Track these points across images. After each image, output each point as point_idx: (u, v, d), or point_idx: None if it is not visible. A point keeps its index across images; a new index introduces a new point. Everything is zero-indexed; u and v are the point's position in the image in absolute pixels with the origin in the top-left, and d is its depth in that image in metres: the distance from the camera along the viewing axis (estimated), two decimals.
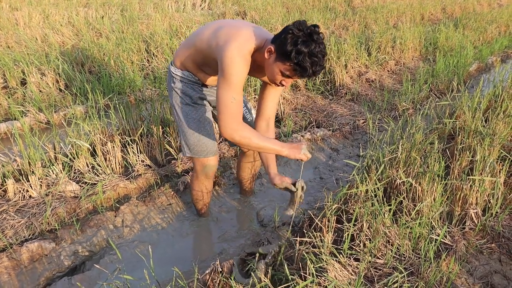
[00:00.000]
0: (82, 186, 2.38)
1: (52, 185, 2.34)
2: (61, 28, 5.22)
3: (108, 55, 4.14)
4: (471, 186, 1.96)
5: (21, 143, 2.40)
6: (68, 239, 2.01)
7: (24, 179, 2.30)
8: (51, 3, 7.10)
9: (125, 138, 2.74)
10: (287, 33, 1.42)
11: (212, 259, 1.90)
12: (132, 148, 2.60)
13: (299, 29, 1.41)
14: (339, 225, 1.84)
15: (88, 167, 2.53)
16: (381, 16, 6.96)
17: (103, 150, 2.58)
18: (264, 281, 1.47)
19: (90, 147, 2.56)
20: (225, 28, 1.57)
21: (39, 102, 3.28)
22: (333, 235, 1.77)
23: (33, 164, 2.39)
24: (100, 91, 3.46)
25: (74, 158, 2.52)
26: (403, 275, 1.51)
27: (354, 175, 1.99)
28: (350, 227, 1.67)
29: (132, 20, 5.71)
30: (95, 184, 2.40)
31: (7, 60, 3.76)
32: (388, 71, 4.83)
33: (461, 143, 2.40)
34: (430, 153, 2.13)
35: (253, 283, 1.50)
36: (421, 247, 1.69)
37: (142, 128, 2.77)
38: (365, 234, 1.72)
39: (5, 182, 2.24)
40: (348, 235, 1.65)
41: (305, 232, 1.87)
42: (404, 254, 1.69)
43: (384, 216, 1.74)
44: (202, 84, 1.83)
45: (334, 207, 1.84)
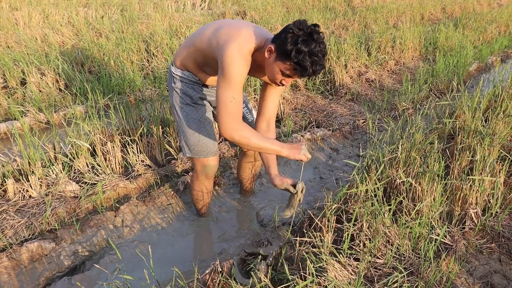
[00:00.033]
0: (82, 186, 2.38)
1: (52, 185, 2.34)
2: (61, 28, 5.22)
3: (108, 55, 4.14)
4: (471, 186, 1.96)
5: (21, 143, 2.40)
6: (68, 239, 2.02)
7: (24, 179, 2.30)
8: (51, 3, 7.09)
9: (125, 138, 2.74)
10: (288, 32, 1.42)
11: (212, 259, 1.90)
12: (132, 148, 2.60)
13: (299, 28, 1.41)
14: (339, 225, 1.85)
15: (88, 167, 2.53)
16: (381, 16, 6.96)
17: (103, 150, 2.58)
18: (264, 281, 1.47)
19: (90, 147, 2.56)
20: (225, 27, 1.57)
21: (39, 102, 3.28)
22: (333, 235, 1.77)
23: (33, 164, 2.39)
24: (100, 91, 3.47)
25: (74, 158, 2.52)
26: (403, 275, 1.51)
27: (354, 175, 1.99)
28: (350, 227, 1.67)
29: (132, 20, 5.71)
30: (95, 184, 2.40)
31: (7, 60, 3.76)
32: (388, 71, 4.83)
33: (461, 143, 2.40)
34: (430, 153, 2.13)
35: (253, 283, 1.50)
36: (421, 247, 1.69)
37: (142, 128, 2.77)
38: (365, 234, 1.72)
39: (5, 182, 2.24)
40: (348, 235, 1.65)
41: (305, 232, 1.87)
42: (404, 254, 1.69)
43: (384, 216, 1.75)
44: (203, 84, 1.83)
45: (334, 207, 1.84)
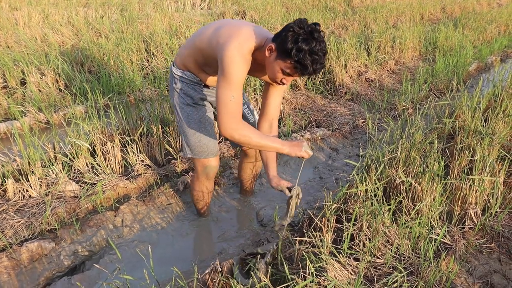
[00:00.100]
0: (82, 186, 2.38)
1: (51, 185, 2.34)
2: (60, 28, 5.22)
3: (108, 55, 4.14)
4: (470, 185, 1.97)
5: (20, 143, 2.40)
6: (68, 239, 2.02)
7: (24, 179, 2.30)
8: (50, 3, 7.09)
9: (124, 138, 2.74)
10: (288, 31, 1.41)
11: (212, 258, 1.91)
12: (132, 148, 2.60)
13: (300, 27, 1.41)
14: (338, 225, 1.85)
15: (87, 167, 2.54)
16: (380, 15, 6.96)
17: (103, 150, 2.58)
18: (264, 281, 1.47)
19: (90, 147, 2.56)
20: (225, 27, 1.57)
21: (38, 102, 3.28)
22: (332, 234, 1.77)
23: (32, 164, 2.39)
24: (99, 91, 3.47)
25: (74, 158, 2.52)
26: (402, 274, 1.51)
27: (354, 174, 1.99)
28: (350, 226, 1.67)
29: (132, 20, 5.71)
30: (94, 184, 2.40)
31: (7, 60, 3.76)
32: (388, 70, 4.83)
33: (460, 143, 2.40)
34: (430, 153, 2.13)
35: (253, 283, 1.50)
36: (420, 246, 1.69)
37: (141, 128, 2.77)
38: (365, 233, 1.72)
39: (5, 182, 2.24)
40: (348, 234, 1.65)
41: (305, 231, 1.87)
42: (403, 254, 1.69)
43: (384, 215, 1.75)
44: (204, 84, 1.83)
45: (333, 206, 1.85)
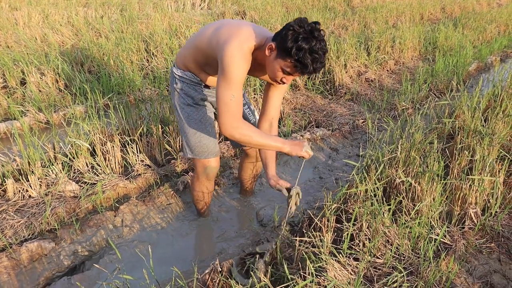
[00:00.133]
0: (82, 186, 2.38)
1: (51, 185, 2.34)
2: (60, 28, 5.22)
3: (108, 54, 4.14)
4: (470, 185, 1.97)
5: (20, 143, 2.40)
6: (68, 239, 2.02)
7: (24, 179, 2.30)
8: (50, 2, 7.09)
9: (124, 138, 2.74)
10: (288, 29, 1.41)
11: (212, 258, 1.91)
12: (132, 148, 2.60)
13: (300, 26, 1.41)
14: (338, 225, 1.85)
15: (87, 167, 2.54)
16: (380, 15, 6.96)
17: (103, 150, 2.58)
18: (264, 281, 1.47)
19: (90, 147, 2.56)
20: (225, 27, 1.57)
21: (38, 102, 3.28)
22: (332, 234, 1.77)
23: (32, 164, 2.39)
24: (99, 91, 3.46)
25: (74, 158, 2.52)
26: (402, 274, 1.51)
27: (354, 174, 1.99)
28: (350, 226, 1.67)
29: (132, 20, 5.71)
30: (94, 184, 2.40)
31: (7, 60, 3.76)
32: (388, 70, 4.83)
33: (460, 143, 2.40)
34: (430, 153, 2.13)
35: (252, 283, 1.50)
36: (420, 246, 1.69)
37: (141, 128, 2.77)
38: (365, 233, 1.72)
39: (5, 182, 2.24)
40: (348, 234, 1.65)
41: (305, 231, 1.87)
42: (403, 254, 1.69)
43: (384, 215, 1.75)
44: (204, 85, 1.83)
45: (333, 206, 1.85)
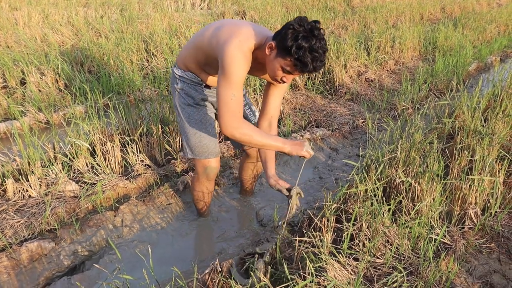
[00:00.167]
0: (82, 185, 2.38)
1: (51, 184, 2.34)
2: (60, 27, 5.22)
3: (108, 54, 4.14)
4: (470, 185, 1.97)
5: (20, 142, 2.40)
6: (68, 239, 2.02)
7: (24, 178, 2.30)
8: (50, 2, 7.09)
9: (124, 138, 2.74)
10: (288, 28, 1.42)
11: (212, 258, 1.91)
12: (132, 147, 2.60)
13: (299, 24, 1.41)
14: (338, 225, 1.85)
15: (87, 166, 2.53)
16: (380, 15, 6.96)
17: (103, 150, 2.58)
18: (264, 281, 1.47)
19: (90, 147, 2.56)
20: (225, 26, 1.57)
21: (38, 102, 3.28)
22: (332, 234, 1.77)
23: (32, 163, 2.39)
24: (99, 91, 3.47)
25: (74, 158, 2.52)
26: (402, 274, 1.51)
27: (354, 174, 1.99)
28: (350, 226, 1.67)
29: (132, 20, 5.71)
30: (94, 183, 2.40)
31: (7, 60, 3.76)
32: (388, 70, 4.83)
33: (460, 143, 2.40)
34: (430, 153, 2.13)
35: (252, 283, 1.50)
36: (420, 246, 1.69)
37: (141, 128, 2.77)
38: (365, 233, 1.72)
39: (5, 182, 2.24)
40: (348, 234, 1.65)
41: (305, 231, 1.87)
42: (403, 254, 1.69)
43: (384, 215, 1.75)
44: (205, 85, 1.83)
45: (333, 206, 1.85)
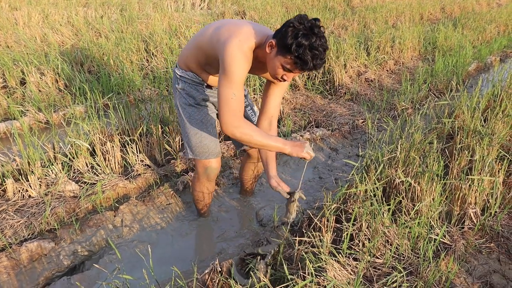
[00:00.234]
0: (82, 185, 2.38)
1: (51, 184, 2.34)
2: (60, 27, 5.22)
3: (108, 54, 4.14)
4: (470, 185, 1.97)
5: (20, 142, 2.40)
6: (68, 239, 2.02)
7: (24, 178, 2.30)
8: (50, 2, 7.09)
9: (124, 138, 2.74)
10: (288, 26, 1.42)
11: (212, 258, 1.91)
12: (132, 148, 2.60)
13: (299, 22, 1.41)
14: (338, 225, 1.85)
15: (87, 166, 2.53)
16: (380, 15, 6.96)
17: (103, 150, 2.58)
18: (264, 281, 1.47)
19: (90, 147, 2.56)
20: (225, 26, 1.58)
21: (38, 102, 3.28)
22: (332, 234, 1.77)
23: (32, 163, 2.39)
24: (99, 91, 3.47)
25: (74, 158, 2.52)
26: (402, 274, 1.51)
27: (353, 174, 1.99)
28: (349, 226, 1.67)
29: (132, 20, 5.71)
30: (94, 183, 2.40)
31: (7, 60, 3.76)
32: (387, 70, 4.83)
33: (460, 143, 2.41)
34: (429, 153, 2.13)
35: (252, 283, 1.50)
36: (420, 246, 1.70)
37: (141, 128, 2.77)
38: (364, 233, 1.72)
39: (5, 182, 2.24)
40: (347, 234, 1.65)
41: (304, 231, 1.87)
42: (403, 254, 1.69)
43: (383, 215, 1.75)
44: (206, 85, 1.83)
45: (333, 206, 1.85)
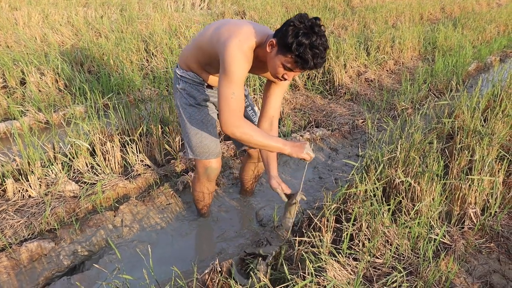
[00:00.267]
0: (82, 185, 2.38)
1: (51, 184, 2.34)
2: (60, 27, 5.22)
3: (108, 54, 4.14)
4: (470, 185, 1.97)
5: (20, 142, 2.40)
6: (68, 239, 2.02)
7: (24, 178, 2.30)
8: (50, 2, 7.09)
9: (124, 138, 2.74)
10: (289, 25, 1.42)
11: (211, 258, 1.91)
12: (132, 147, 2.60)
13: (300, 21, 1.41)
14: (338, 225, 1.85)
15: (87, 166, 2.53)
16: (380, 15, 6.96)
17: (103, 149, 2.58)
18: (264, 281, 1.47)
19: (90, 147, 2.56)
20: (226, 26, 1.58)
21: (38, 102, 3.28)
22: (332, 234, 1.77)
23: (32, 163, 2.39)
24: (99, 91, 3.47)
25: (74, 158, 2.52)
26: (402, 274, 1.51)
27: (353, 174, 1.99)
28: (349, 226, 1.67)
29: (132, 20, 5.71)
30: (94, 183, 2.40)
31: (7, 60, 3.75)
32: (387, 70, 4.83)
33: (460, 143, 2.41)
34: (429, 153, 2.13)
35: (252, 283, 1.50)
36: (420, 246, 1.70)
37: (141, 128, 2.77)
38: (364, 233, 1.72)
39: (5, 182, 2.24)
40: (347, 234, 1.66)
41: (304, 231, 1.87)
42: (403, 254, 1.69)
43: (383, 215, 1.75)
44: (207, 85, 1.83)
45: (333, 206, 1.85)
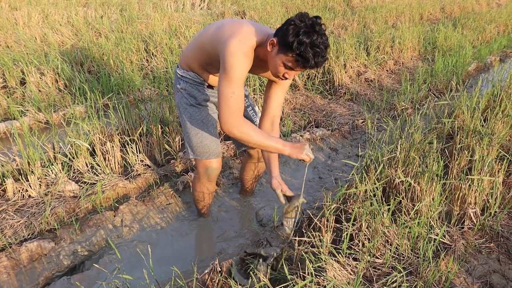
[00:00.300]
0: (81, 185, 2.38)
1: (51, 184, 2.34)
2: (60, 27, 5.22)
3: (107, 54, 4.14)
4: (469, 185, 1.97)
5: (20, 142, 2.40)
6: (67, 239, 2.02)
7: (24, 178, 2.30)
8: (50, 2, 7.09)
9: (124, 138, 2.74)
10: (289, 24, 1.42)
11: (211, 258, 1.91)
12: (131, 147, 2.60)
13: (301, 20, 1.41)
14: (338, 225, 1.85)
15: (87, 166, 2.54)
16: (380, 15, 6.96)
17: (102, 149, 2.58)
18: (263, 281, 1.47)
19: (89, 147, 2.56)
20: (226, 25, 1.58)
21: (38, 102, 3.28)
22: (332, 234, 1.77)
23: (32, 163, 2.39)
24: (99, 91, 3.47)
25: (74, 158, 2.52)
26: (402, 274, 1.51)
27: (353, 174, 1.99)
28: (349, 226, 1.68)
29: (131, 20, 5.71)
30: (94, 183, 2.40)
31: (7, 60, 3.76)
32: (387, 70, 4.83)
33: (459, 143, 2.41)
34: (429, 153, 2.13)
35: (252, 283, 1.50)
36: (420, 246, 1.70)
37: (141, 128, 2.77)
38: (364, 233, 1.72)
39: (5, 182, 2.24)
40: (347, 234, 1.66)
41: (304, 231, 1.87)
42: (403, 254, 1.70)
43: (383, 215, 1.75)
44: (207, 85, 1.83)
45: (333, 206, 1.85)
